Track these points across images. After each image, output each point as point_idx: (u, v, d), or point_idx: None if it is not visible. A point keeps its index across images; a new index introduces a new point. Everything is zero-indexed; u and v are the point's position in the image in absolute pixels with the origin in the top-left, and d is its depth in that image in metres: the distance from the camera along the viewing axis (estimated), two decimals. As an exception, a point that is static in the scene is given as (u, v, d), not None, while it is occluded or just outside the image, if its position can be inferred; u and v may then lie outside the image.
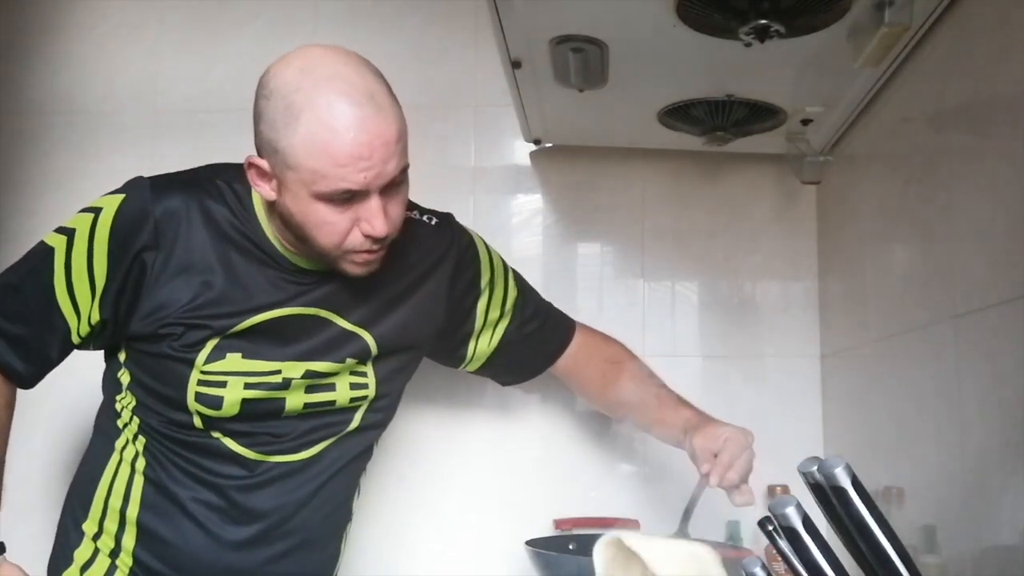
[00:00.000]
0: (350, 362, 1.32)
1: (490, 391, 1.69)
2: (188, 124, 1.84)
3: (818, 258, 1.77)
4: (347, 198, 1.17)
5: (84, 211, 1.27)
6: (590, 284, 1.81)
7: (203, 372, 1.25)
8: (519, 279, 1.53)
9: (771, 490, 1.49)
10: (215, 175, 1.30)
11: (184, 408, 1.26)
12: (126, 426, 1.32)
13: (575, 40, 1.28)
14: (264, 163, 1.20)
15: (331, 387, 1.31)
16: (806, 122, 1.54)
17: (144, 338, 1.26)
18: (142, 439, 1.31)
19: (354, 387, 1.33)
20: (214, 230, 1.26)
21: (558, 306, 1.57)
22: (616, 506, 1.67)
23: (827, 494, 0.79)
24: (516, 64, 1.38)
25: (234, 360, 1.25)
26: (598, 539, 1.11)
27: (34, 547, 1.31)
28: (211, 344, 1.25)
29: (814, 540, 0.80)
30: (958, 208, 1.18)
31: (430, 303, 1.40)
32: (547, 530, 1.63)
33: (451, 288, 1.42)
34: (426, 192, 1.45)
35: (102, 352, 1.36)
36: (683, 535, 1.30)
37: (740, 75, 1.38)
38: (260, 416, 1.28)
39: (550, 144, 1.78)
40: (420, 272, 1.38)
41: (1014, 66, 1.05)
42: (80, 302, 1.25)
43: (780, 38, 1.15)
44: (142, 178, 1.27)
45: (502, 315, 1.49)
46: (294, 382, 1.28)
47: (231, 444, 1.28)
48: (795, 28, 1.16)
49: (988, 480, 1.10)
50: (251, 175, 1.23)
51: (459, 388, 1.72)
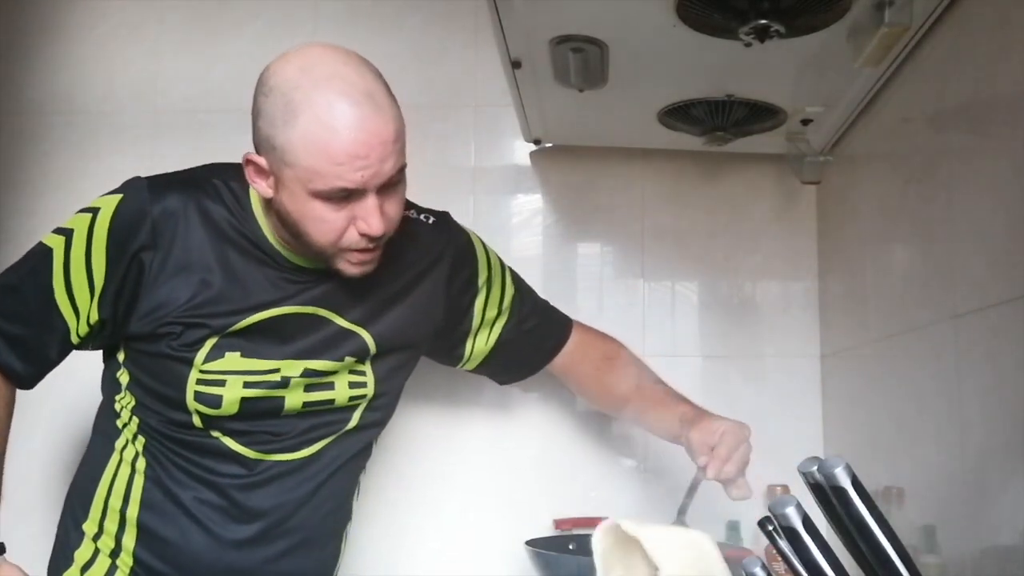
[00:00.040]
0: (349, 360, 1.32)
1: (489, 390, 1.69)
2: (188, 124, 1.84)
3: (818, 258, 1.77)
4: (344, 196, 1.17)
5: (82, 212, 1.27)
6: (590, 284, 1.81)
7: (202, 371, 1.25)
8: (516, 277, 1.53)
9: (771, 490, 1.49)
10: (212, 175, 1.30)
11: (183, 407, 1.26)
12: (125, 426, 1.32)
13: (575, 40, 1.28)
14: (262, 160, 1.20)
15: (330, 386, 1.31)
16: (806, 122, 1.54)
17: (143, 338, 1.26)
18: (142, 439, 1.31)
19: (353, 386, 1.33)
20: (212, 229, 1.26)
21: (558, 306, 1.57)
22: (616, 505, 1.66)
23: (827, 494, 0.79)
24: (516, 64, 1.37)
25: (233, 359, 1.25)
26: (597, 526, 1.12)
27: (34, 547, 1.31)
28: (210, 343, 1.25)
29: (814, 540, 0.81)
30: (958, 208, 1.18)
31: (428, 302, 1.40)
32: (547, 529, 1.63)
33: (448, 287, 1.42)
34: (426, 192, 1.45)
35: (101, 352, 1.36)
36: (680, 527, 1.30)
37: (740, 75, 1.38)
38: (259, 415, 1.28)
39: (550, 144, 1.78)
40: (418, 271, 1.39)
41: (1014, 66, 1.05)
42: (79, 302, 1.25)
43: (780, 38, 1.15)
44: (139, 178, 1.27)
45: (499, 314, 1.49)
46: (293, 381, 1.28)
47: (230, 443, 1.28)
48: (795, 28, 1.16)
49: (988, 480, 1.10)
50: (249, 172, 1.23)
51: (458, 387, 1.72)
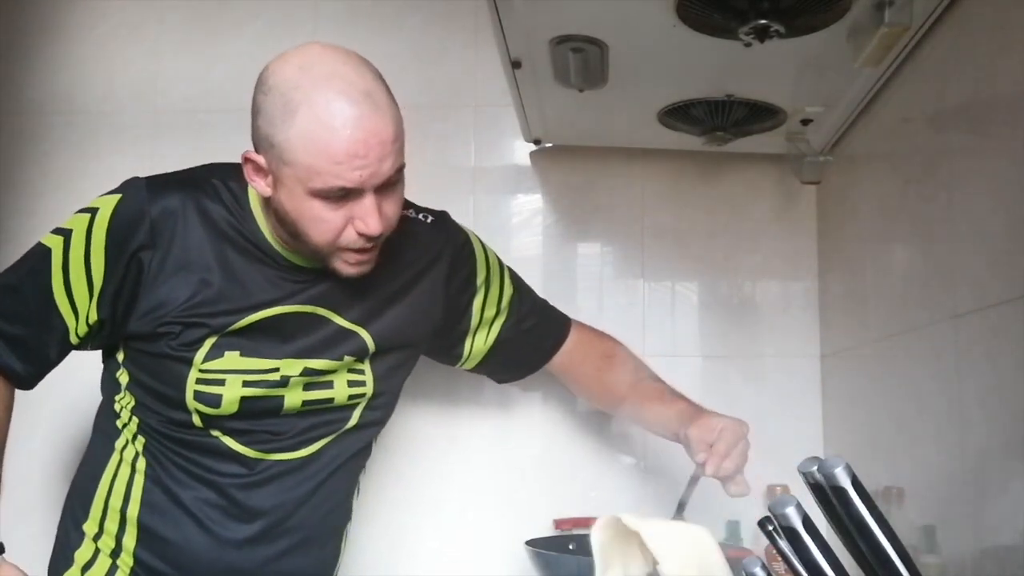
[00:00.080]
0: (348, 360, 1.32)
1: (489, 389, 1.69)
2: (188, 124, 1.84)
3: (818, 258, 1.77)
4: (342, 195, 1.17)
5: (81, 212, 1.27)
6: (590, 284, 1.81)
7: (201, 370, 1.25)
8: (514, 277, 1.53)
9: (771, 490, 1.49)
10: (211, 174, 1.30)
11: (183, 407, 1.26)
12: (125, 426, 1.32)
13: (575, 40, 1.28)
14: (260, 158, 1.20)
15: (329, 385, 1.31)
16: (806, 122, 1.53)
17: (142, 337, 1.26)
18: (142, 439, 1.31)
19: (352, 384, 1.33)
20: (211, 229, 1.26)
21: (558, 307, 1.57)
22: (616, 505, 1.63)
23: (827, 494, 0.79)
24: (516, 64, 1.37)
25: (232, 358, 1.26)
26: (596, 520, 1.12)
27: (34, 547, 1.31)
28: (209, 342, 1.25)
29: (814, 540, 0.81)
30: (958, 208, 1.18)
31: (426, 301, 1.40)
32: (546, 529, 1.63)
33: (447, 286, 1.42)
34: (426, 192, 1.45)
35: (100, 352, 1.35)
36: (680, 522, 1.30)
37: (740, 75, 1.38)
38: (259, 414, 1.28)
39: (550, 144, 1.78)
40: (416, 270, 1.39)
41: (1014, 66, 1.05)
42: (78, 302, 1.25)
43: (780, 38, 1.15)
44: (138, 178, 1.28)
45: (498, 313, 1.49)
46: (292, 380, 1.28)
47: (230, 442, 1.28)
48: (795, 28, 1.16)
49: (988, 480, 1.10)
50: (247, 170, 1.23)
51: (458, 386, 1.72)
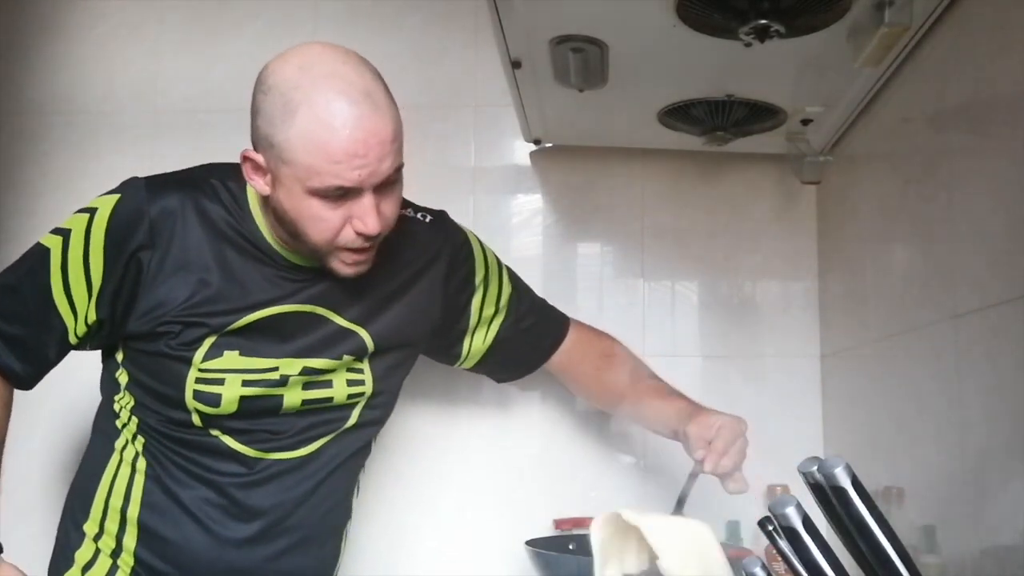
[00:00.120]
0: (347, 359, 1.32)
1: (489, 389, 1.69)
2: (188, 124, 1.84)
3: (818, 258, 1.77)
4: (341, 195, 1.17)
5: (80, 212, 1.27)
6: (590, 284, 1.81)
7: (201, 370, 1.25)
8: (513, 276, 1.53)
9: (771, 490, 1.49)
10: (210, 174, 1.30)
11: (183, 406, 1.26)
12: (125, 426, 1.32)
13: (575, 40, 1.28)
14: (259, 157, 1.20)
15: (328, 384, 1.31)
16: (806, 122, 1.53)
17: (141, 337, 1.26)
18: (141, 439, 1.31)
19: (351, 384, 1.33)
20: (210, 228, 1.26)
21: (558, 306, 1.57)
22: (616, 504, 1.65)
23: (827, 494, 0.79)
24: (516, 64, 1.37)
25: (232, 357, 1.26)
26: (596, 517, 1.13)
27: (34, 547, 1.31)
28: (208, 342, 1.25)
29: (814, 540, 0.81)
30: (958, 208, 1.18)
31: (425, 300, 1.40)
32: (546, 528, 1.62)
33: (445, 285, 1.42)
34: (426, 192, 1.45)
35: (99, 352, 1.35)
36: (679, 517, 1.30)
37: (740, 75, 1.38)
38: (258, 413, 1.28)
39: (550, 144, 1.78)
40: (415, 269, 1.39)
41: (1014, 66, 1.05)
42: (77, 302, 1.25)
43: (780, 38, 1.15)
44: (137, 178, 1.28)
45: (496, 312, 1.49)
46: (292, 379, 1.28)
47: (230, 442, 1.28)
48: (795, 28, 1.16)
49: (988, 480, 1.10)
50: (246, 169, 1.23)
51: (458, 385, 1.72)
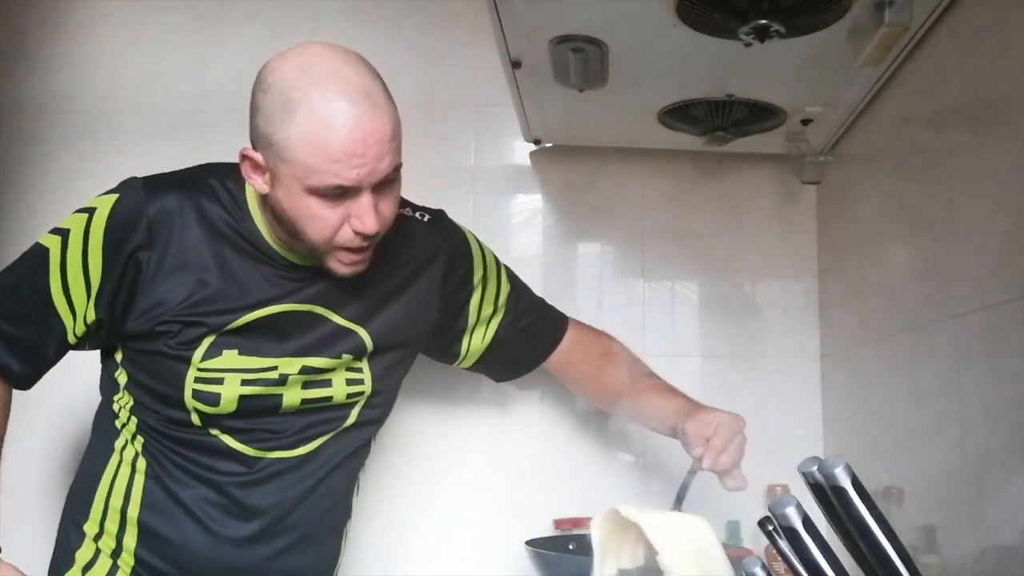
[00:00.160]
0: (346, 358, 1.32)
1: (488, 388, 1.69)
2: (188, 124, 1.84)
3: (818, 258, 1.77)
4: (339, 194, 1.17)
5: (78, 212, 1.27)
6: (590, 284, 1.81)
7: (200, 369, 1.25)
8: (511, 275, 1.53)
9: (771, 490, 1.49)
10: (208, 174, 1.30)
11: (182, 406, 1.26)
12: (124, 426, 1.32)
13: (575, 40, 1.28)
14: (258, 156, 1.20)
15: (327, 383, 1.31)
16: (806, 122, 1.53)
17: (140, 336, 1.26)
18: (141, 438, 1.31)
19: (350, 383, 1.33)
20: (208, 228, 1.26)
21: (558, 306, 1.57)
22: (616, 504, 1.66)
23: (827, 494, 0.79)
24: (516, 64, 1.37)
25: (231, 357, 1.26)
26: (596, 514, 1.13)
27: (34, 547, 1.31)
28: (207, 341, 1.25)
29: (814, 540, 0.81)
30: (958, 208, 1.18)
31: (424, 300, 1.40)
32: (546, 528, 1.62)
33: (444, 285, 1.42)
34: (426, 192, 1.45)
35: (99, 352, 1.35)
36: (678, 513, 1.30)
37: (740, 75, 1.38)
38: (257, 412, 1.28)
39: (550, 144, 1.78)
40: (413, 269, 1.39)
41: (1014, 66, 1.05)
42: (76, 302, 1.25)
43: (780, 38, 1.15)
44: (135, 178, 1.28)
45: (495, 311, 1.49)
46: (291, 378, 1.28)
47: (229, 441, 1.29)
48: (795, 28, 1.16)
49: (988, 480, 1.10)
50: (244, 167, 1.23)
51: (457, 385, 1.72)
